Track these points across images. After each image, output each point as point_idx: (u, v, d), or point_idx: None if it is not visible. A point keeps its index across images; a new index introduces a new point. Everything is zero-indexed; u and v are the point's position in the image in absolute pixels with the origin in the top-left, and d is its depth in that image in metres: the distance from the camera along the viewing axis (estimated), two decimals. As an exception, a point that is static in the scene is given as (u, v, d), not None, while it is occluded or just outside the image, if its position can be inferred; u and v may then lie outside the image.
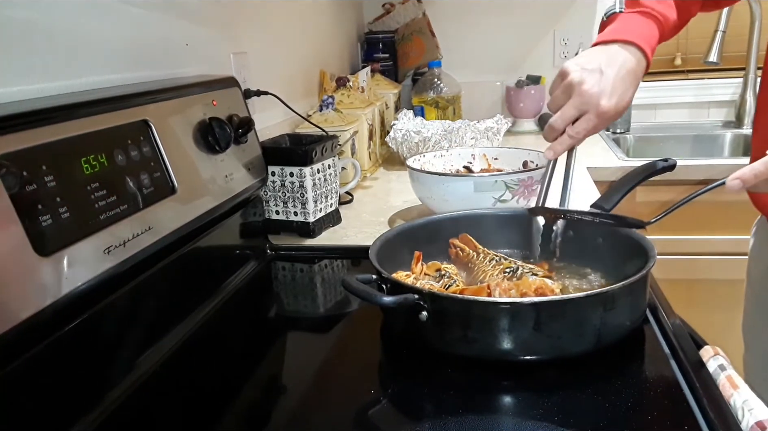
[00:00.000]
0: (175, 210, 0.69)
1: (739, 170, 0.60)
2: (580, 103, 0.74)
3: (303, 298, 0.86)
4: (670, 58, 2.04)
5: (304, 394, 0.61)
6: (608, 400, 0.54)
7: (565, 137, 0.76)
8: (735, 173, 0.61)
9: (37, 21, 0.67)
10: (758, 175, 0.59)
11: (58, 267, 0.52)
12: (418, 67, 1.92)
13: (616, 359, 0.60)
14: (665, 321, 0.65)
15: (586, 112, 0.74)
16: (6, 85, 0.62)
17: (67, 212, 0.53)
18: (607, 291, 0.58)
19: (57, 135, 0.55)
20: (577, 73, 0.74)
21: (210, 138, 0.78)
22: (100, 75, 0.76)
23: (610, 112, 0.75)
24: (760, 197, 0.89)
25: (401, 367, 0.64)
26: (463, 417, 0.53)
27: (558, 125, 0.76)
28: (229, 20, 1.11)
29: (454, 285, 0.70)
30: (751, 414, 0.51)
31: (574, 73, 0.74)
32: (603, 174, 1.44)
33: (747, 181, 0.59)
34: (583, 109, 0.74)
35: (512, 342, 0.58)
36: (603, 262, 0.75)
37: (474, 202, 0.95)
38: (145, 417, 0.58)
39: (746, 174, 0.60)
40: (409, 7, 1.94)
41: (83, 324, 0.56)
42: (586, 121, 0.75)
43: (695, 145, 1.87)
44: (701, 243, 1.47)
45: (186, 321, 0.72)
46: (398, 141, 1.43)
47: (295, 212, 1.00)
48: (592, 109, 0.74)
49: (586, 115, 0.75)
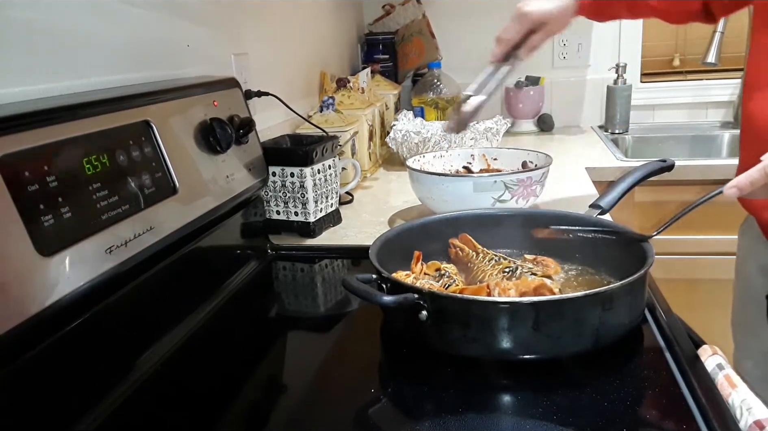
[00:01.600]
0: (177, 210, 0.69)
1: (735, 178, 0.62)
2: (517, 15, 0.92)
3: (303, 298, 0.87)
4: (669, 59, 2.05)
5: (304, 394, 0.61)
6: (607, 399, 0.54)
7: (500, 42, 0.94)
8: (731, 182, 0.62)
9: (38, 21, 0.67)
10: (754, 182, 0.60)
11: (59, 267, 0.52)
12: (418, 68, 1.92)
13: (614, 358, 0.61)
14: (664, 320, 0.66)
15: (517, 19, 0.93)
16: (7, 86, 0.62)
17: (68, 212, 0.53)
18: (605, 290, 0.59)
19: (59, 135, 0.55)
20: None
21: (211, 138, 0.78)
22: (101, 75, 0.76)
23: (523, 10, 0.91)
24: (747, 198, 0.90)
25: (401, 367, 0.64)
26: (463, 416, 0.53)
27: (500, 35, 0.93)
28: (230, 21, 1.11)
29: (453, 284, 0.70)
30: (749, 413, 0.52)
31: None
32: (601, 174, 1.44)
33: (743, 189, 0.61)
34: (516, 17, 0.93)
35: (511, 341, 0.58)
36: (602, 262, 0.75)
37: (473, 202, 0.95)
38: (146, 416, 0.59)
39: (742, 182, 0.61)
40: (409, 9, 1.95)
41: (84, 324, 0.56)
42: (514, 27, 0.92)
43: (693, 145, 1.87)
44: (700, 243, 1.48)
45: (187, 321, 0.73)
46: (398, 141, 1.43)
47: (295, 212, 1.00)
48: (520, 15, 0.92)
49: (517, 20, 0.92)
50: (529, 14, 0.90)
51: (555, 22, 0.92)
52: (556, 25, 0.93)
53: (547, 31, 0.93)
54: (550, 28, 0.92)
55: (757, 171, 0.60)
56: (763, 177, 0.60)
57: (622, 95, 1.86)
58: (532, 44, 0.93)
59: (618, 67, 1.86)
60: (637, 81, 1.97)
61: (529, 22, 0.91)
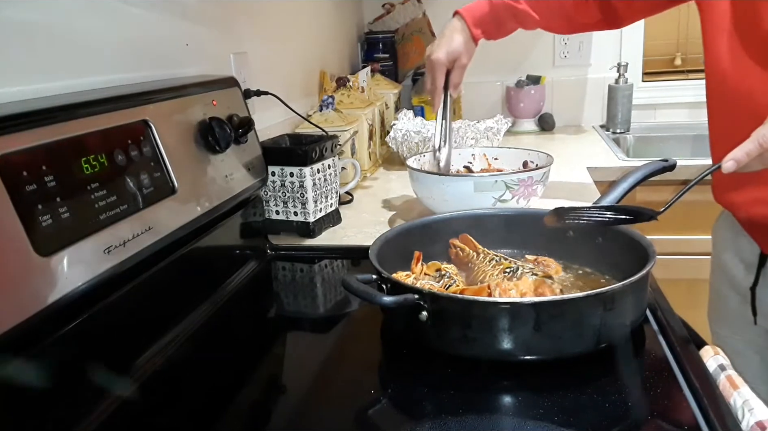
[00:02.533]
0: (175, 210, 0.69)
1: (731, 152, 0.64)
2: (429, 65, 1.05)
3: (303, 298, 0.86)
4: (670, 58, 2.04)
5: (304, 394, 0.61)
6: (608, 400, 0.54)
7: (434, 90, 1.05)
8: (728, 155, 0.64)
9: (37, 21, 0.67)
10: (749, 153, 0.63)
11: (58, 267, 0.52)
12: (418, 67, 1.92)
13: (616, 359, 0.60)
14: (665, 321, 0.65)
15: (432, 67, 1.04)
16: (6, 85, 0.62)
17: (67, 212, 0.53)
18: (606, 291, 0.58)
19: (57, 135, 0.55)
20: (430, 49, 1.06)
21: (210, 138, 0.78)
22: (100, 75, 0.76)
23: (440, 57, 1.02)
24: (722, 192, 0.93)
25: (401, 367, 0.64)
26: (463, 417, 0.53)
27: (427, 84, 1.06)
28: (229, 20, 1.11)
29: (454, 285, 0.70)
30: (751, 414, 0.51)
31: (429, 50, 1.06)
32: (603, 174, 1.44)
33: (740, 161, 0.63)
34: (430, 66, 1.04)
35: (512, 342, 0.58)
36: (603, 262, 0.75)
37: (474, 202, 0.95)
38: (146, 416, 0.58)
39: (738, 154, 0.63)
40: (409, 7, 1.94)
41: (83, 324, 0.56)
42: (437, 73, 1.03)
43: (695, 144, 1.87)
44: (701, 243, 1.47)
45: (186, 321, 0.72)
46: (398, 141, 1.43)
47: (295, 212, 1.00)
48: (434, 62, 1.03)
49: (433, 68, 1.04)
50: (440, 59, 1.02)
51: (464, 56, 1.03)
52: (465, 58, 1.04)
53: (460, 66, 1.04)
54: (461, 62, 1.04)
55: (751, 142, 0.62)
56: (757, 147, 0.62)
57: (624, 94, 1.86)
58: (454, 82, 1.05)
59: (619, 66, 1.85)
60: (638, 80, 1.97)
61: (443, 66, 1.03)
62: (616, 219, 0.73)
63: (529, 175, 0.97)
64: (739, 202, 0.90)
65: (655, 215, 0.69)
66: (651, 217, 0.69)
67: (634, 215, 0.72)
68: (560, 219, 0.76)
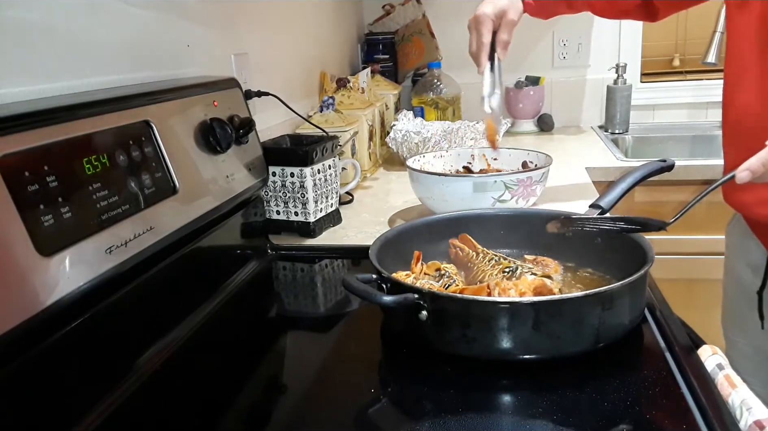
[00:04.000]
0: (177, 210, 0.69)
1: (747, 161, 0.62)
2: (475, 20, 0.99)
3: (303, 298, 0.87)
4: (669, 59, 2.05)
5: (304, 394, 0.61)
6: (607, 399, 0.54)
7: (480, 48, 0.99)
8: (743, 165, 0.63)
9: (38, 22, 0.67)
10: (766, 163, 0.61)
11: (59, 267, 0.52)
12: (418, 68, 1.92)
13: (614, 358, 0.61)
14: (664, 320, 0.66)
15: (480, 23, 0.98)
16: (7, 86, 0.62)
17: (68, 212, 0.53)
18: (605, 290, 0.59)
19: (59, 135, 0.55)
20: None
21: (211, 138, 0.78)
22: (101, 76, 0.76)
23: (486, 14, 0.97)
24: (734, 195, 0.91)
25: (401, 367, 0.64)
26: (463, 416, 0.53)
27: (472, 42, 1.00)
28: (230, 21, 1.11)
29: (453, 284, 0.70)
30: (749, 413, 0.52)
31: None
32: (602, 174, 1.44)
33: (756, 171, 0.62)
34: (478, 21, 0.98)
35: (511, 341, 0.58)
36: (602, 262, 0.75)
37: (473, 202, 0.95)
38: (146, 416, 0.59)
39: (754, 164, 0.62)
40: (409, 9, 1.95)
41: (84, 324, 0.56)
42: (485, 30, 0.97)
43: (693, 145, 1.87)
44: (700, 243, 1.48)
45: (187, 321, 0.73)
46: (398, 141, 1.43)
47: (295, 212, 1.00)
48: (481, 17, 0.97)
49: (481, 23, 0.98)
50: (486, 13, 0.96)
51: (511, 11, 0.97)
52: (513, 14, 0.97)
53: (508, 22, 0.97)
54: (509, 18, 0.97)
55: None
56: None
57: (622, 95, 1.86)
58: (503, 39, 0.98)
59: (618, 66, 1.86)
60: (637, 81, 1.97)
61: (489, 21, 0.96)
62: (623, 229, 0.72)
63: (528, 176, 0.97)
64: (749, 202, 0.88)
65: (665, 226, 0.68)
66: (660, 228, 0.68)
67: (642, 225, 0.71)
68: (564, 227, 0.76)
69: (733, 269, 1.00)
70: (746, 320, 0.96)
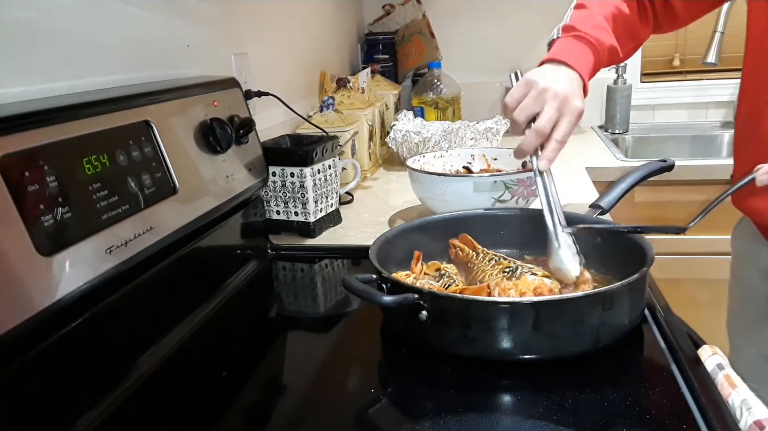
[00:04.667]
0: (177, 210, 0.69)
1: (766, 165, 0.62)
2: (558, 105, 0.76)
3: (303, 298, 0.87)
4: (669, 59, 2.04)
5: (304, 394, 0.61)
6: (607, 399, 0.54)
7: (553, 143, 0.77)
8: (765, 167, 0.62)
9: (38, 21, 0.67)
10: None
11: (59, 267, 0.52)
12: (418, 68, 1.92)
13: (614, 358, 0.61)
14: (664, 320, 0.66)
15: (564, 115, 0.76)
16: (7, 86, 0.62)
17: (68, 212, 0.53)
18: (605, 290, 0.59)
19: (59, 135, 0.55)
20: (541, 79, 0.77)
21: (211, 138, 0.78)
22: (101, 76, 0.76)
23: (582, 111, 0.77)
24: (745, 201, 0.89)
25: (401, 366, 0.64)
26: (463, 416, 0.53)
27: (546, 128, 0.76)
28: (230, 21, 1.11)
29: (453, 284, 0.70)
30: (749, 413, 0.52)
31: (542, 82, 0.77)
32: (602, 174, 1.44)
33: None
34: (562, 110, 0.76)
35: (511, 341, 0.58)
36: (602, 262, 0.75)
37: (473, 202, 0.95)
38: (146, 416, 0.59)
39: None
40: (409, 9, 1.95)
41: (85, 324, 0.56)
42: (567, 123, 0.77)
43: (693, 145, 1.87)
44: (700, 243, 1.48)
45: (187, 321, 0.73)
46: (398, 141, 1.43)
47: (295, 212, 1.00)
48: (569, 110, 0.76)
49: (565, 117, 0.76)
50: (580, 111, 0.77)
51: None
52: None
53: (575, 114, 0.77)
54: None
55: None
56: None
57: (622, 95, 1.86)
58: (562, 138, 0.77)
59: (618, 67, 1.86)
60: (637, 81, 1.97)
61: (576, 121, 0.77)
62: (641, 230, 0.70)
63: (528, 176, 0.97)
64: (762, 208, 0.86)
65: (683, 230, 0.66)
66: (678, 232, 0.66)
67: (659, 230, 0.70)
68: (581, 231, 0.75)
69: (741, 275, 0.98)
70: (754, 327, 0.95)
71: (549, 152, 0.77)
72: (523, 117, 0.78)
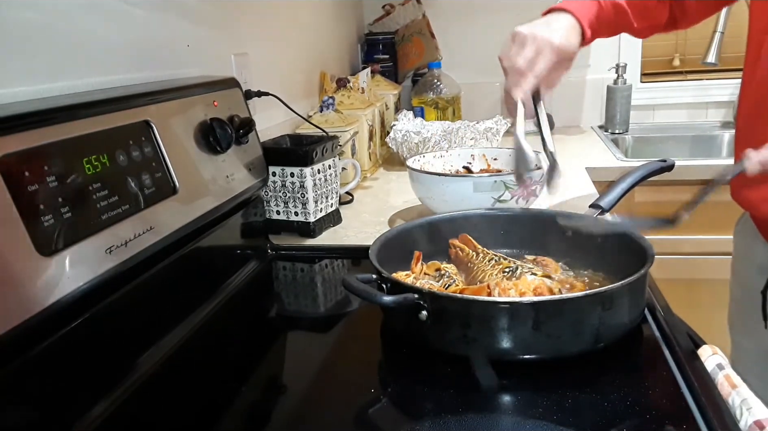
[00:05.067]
0: (177, 210, 0.69)
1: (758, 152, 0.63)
2: (537, 45, 0.80)
3: (303, 298, 0.87)
4: (669, 59, 2.05)
5: (304, 394, 0.61)
6: (607, 399, 0.54)
7: (529, 77, 0.81)
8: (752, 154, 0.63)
9: (38, 22, 0.67)
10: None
11: (59, 267, 0.52)
12: (418, 68, 1.92)
13: (614, 358, 0.61)
14: (663, 320, 0.66)
15: (541, 52, 0.80)
16: (7, 86, 0.62)
17: (68, 212, 0.53)
18: (605, 290, 0.59)
19: (59, 135, 0.55)
20: (527, 29, 0.82)
21: (211, 138, 0.78)
22: (101, 76, 0.76)
23: (563, 47, 0.81)
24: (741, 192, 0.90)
25: (401, 366, 0.64)
26: (463, 416, 0.53)
27: (519, 65, 0.80)
28: (230, 21, 1.11)
29: (453, 284, 0.70)
30: (749, 413, 0.52)
31: (525, 29, 0.82)
32: (601, 174, 1.44)
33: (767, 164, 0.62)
34: (540, 48, 0.80)
35: (511, 341, 0.58)
36: (602, 262, 0.75)
37: (473, 202, 0.95)
38: (146, 416, 0.59)
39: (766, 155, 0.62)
40: (409, 9, 1.95)
41: (85, 324, 0.56)
42: (543, 60, 0.80)
43: (694, 145, 1.87)
44: (700, 243, 1.48)
45: (187, 321, 0.73)
46: (398, 141, 1.43)
47: (295, 212, 1.00)
48: (547, 46, 0.80)
49: (541, 54, 0.80)
50: (559, 48, 0.80)
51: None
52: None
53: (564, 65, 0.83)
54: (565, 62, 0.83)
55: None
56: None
57: (622, 95, 1.86)
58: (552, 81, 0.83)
59: (618, 67, 1.86)
60: (637, 81, 1.97)
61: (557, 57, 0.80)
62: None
63: (528, 176, 0.97)
64: (756, 199, 0.87)
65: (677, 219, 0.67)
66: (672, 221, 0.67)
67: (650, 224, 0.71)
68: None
69: (740, 272, 0.99)
70: (753, 323, 0.96)
71: (524, 84, 0.81)
72: (509, 64, 0.82)
